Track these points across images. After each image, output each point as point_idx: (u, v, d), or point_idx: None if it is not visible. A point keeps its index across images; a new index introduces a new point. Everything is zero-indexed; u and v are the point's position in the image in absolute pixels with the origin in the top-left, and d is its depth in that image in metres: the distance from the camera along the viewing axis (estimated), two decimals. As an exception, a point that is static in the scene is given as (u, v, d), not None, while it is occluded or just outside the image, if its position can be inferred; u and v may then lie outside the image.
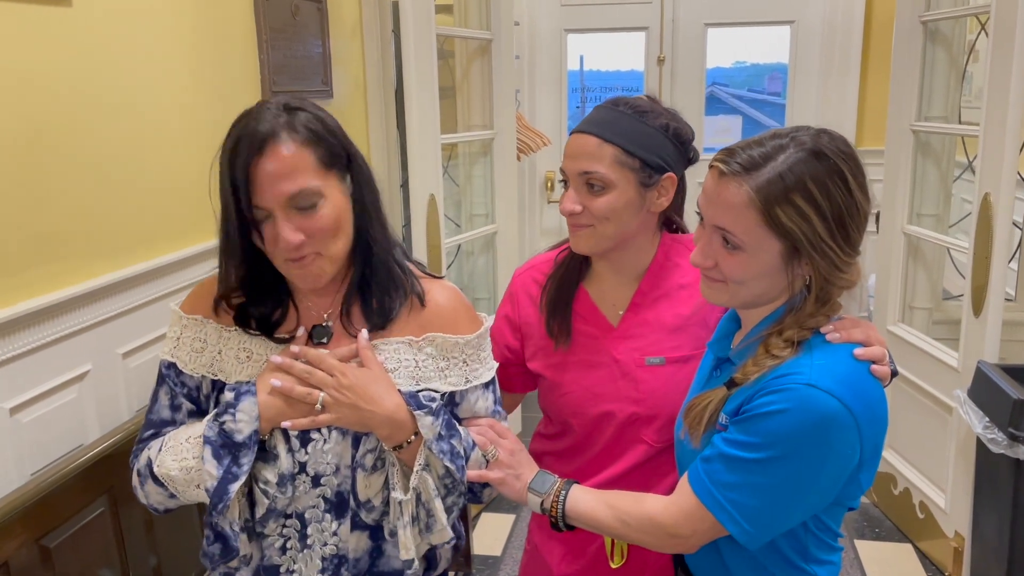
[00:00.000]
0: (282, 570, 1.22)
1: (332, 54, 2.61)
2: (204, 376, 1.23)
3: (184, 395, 1.24)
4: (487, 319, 1.31)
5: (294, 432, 1.18)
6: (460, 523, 1.35)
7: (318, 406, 1.16)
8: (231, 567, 1.23)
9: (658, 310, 1.40)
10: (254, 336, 1.22)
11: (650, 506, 1.19)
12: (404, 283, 1.24)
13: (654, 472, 1.40)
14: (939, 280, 2.97)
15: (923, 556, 2.72)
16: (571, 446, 1.46)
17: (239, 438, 1.13)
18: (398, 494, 1.17)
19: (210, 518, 1.15)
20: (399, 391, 1.19)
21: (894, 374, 1.16)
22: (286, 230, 1.11)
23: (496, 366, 1.32)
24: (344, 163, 1.18)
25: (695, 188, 1.45)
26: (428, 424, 1.17)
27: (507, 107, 3.04)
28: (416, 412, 1.17)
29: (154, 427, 1.25)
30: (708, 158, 1.18)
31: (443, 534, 1.20)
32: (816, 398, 1.06)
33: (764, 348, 1.13)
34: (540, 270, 1.49)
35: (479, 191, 3.20)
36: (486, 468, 1.26)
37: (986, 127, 2.27)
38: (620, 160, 1.31)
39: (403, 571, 1.25)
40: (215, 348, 1.23)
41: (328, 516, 1.20)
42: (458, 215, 3.26)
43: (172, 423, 1.25)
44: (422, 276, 1.29)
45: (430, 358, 1.23)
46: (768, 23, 4.19)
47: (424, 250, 2.57)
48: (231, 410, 1.15)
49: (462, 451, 1.21)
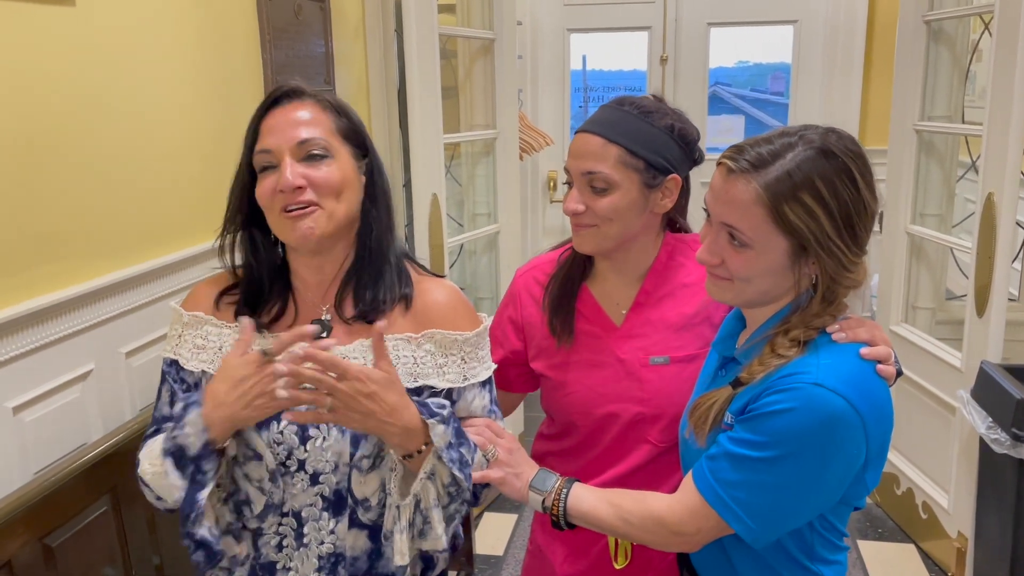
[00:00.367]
0: (278, 568, 1.21)
1: (335, 54, 2.61)
2: (205, 372, 1.24)
3: (183, 392, 1.25)
4: (486, 319, 1.31)
5: (283, 428, 1.17)
6: (460, 525, 1.35)
7: (325, 411, 1.11)
8: (224, 567, 1.23)
9: (662, 309, 1.40)
10: (254, 333, 1.22)
11: (653, 504, 1.19)
12: (396, 282, 1.24)
13: (658, 472, 1.40)
14: (942, 280, 2.97)
15: (926, 556, 2.72)
16: (574, 446, 1.46)
17: (191, 452, 1.11)
18: (395, 499, 1.16)
19: (184, 528, 1.12)
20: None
21: (899, 374, 1.16)
22: (289, 171, 1.14)
23: (494, 367, 1.32)
24: (361, 146, 1.23)
25: (699, 188, 1.45)
26: (440, 433, 1.15)
27: (510, 107, 3.04)
28: (429, 421, 1.15)
29: (156, 423, 1.26)
30: (711, 158, 1.18)
31: (437, 543, 1.18)
32: (823, 397, 1.06)
33: (770, 348, 1.13)
34: (542, 270, 1.49)
35: (481, 191, 3.20)
36: (486, 468, 1.26)
37: (989, 127, 2.27)
38: (624, 161, 1.31)
39: (401, 571, 1.25)
40: (216, 345, 1.24)
41: (326, 514, 1.19)
42: (460, 215, 3.26)
43: (172, 419, 1.25)
44: (422, 276, 1.29)
45: (429, 355, 1.23)
46: (771, 23, 4.18)
47: (427, 249, 2.57)
48: (179, 424, 1.12)
49: (470, 459, 1.20)
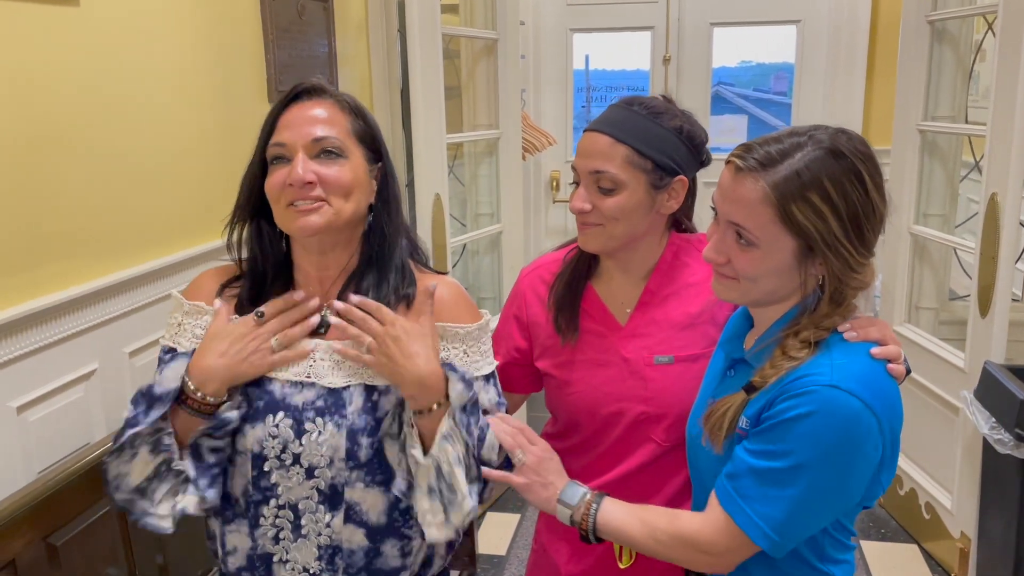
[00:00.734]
0: (275, 559, 1.22)
1: (338, 54, 2.61)
2: None
3: None
4: (487, 314, 1.32)
5: (279, 421, 1.18)
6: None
7: (365, 352, 1.17)
8: (216, 552, 1.25)
9: (667, 309, 1.40)
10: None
11: (684, 524, 1.18)
12: (400, 284, 1.25)
13: (662, 471, 1.40)
14: (945, 280, 2.97)
15: (929, 557, 2.72)
16: (579, 445, 1.46)
17: (157, 391, 1.16)
18: (417, 453, 1.16)
19: (106, 461, 1.18)
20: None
21: (907, 372, 1.16)
22: (301, 165, 1.15)
23: (496, 363, 1.32)
24: (374, 150, 1.24)
25: (704, 189, 1.45)
26: (459, 391, 1.17)
27: (513, 107, 3.04)
28: (450, 373, 1.17)
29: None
30: (717, 158, 1.18)
31: (464, 503, 1.17)
32: (839, 399, 1.05)
33: (781, 350, 1.13)
34: (548, 269, 1.49)
35: (484, 190, 3.20)
36: (511, 471, 1.26)
37: (993, 127, 2.26)
38: (632, 161, 1.31)
39: (400, 569, 1.25)
40: None
41: (322, 507, 1.20)
42: (463, 214, 3.26)
43: None
44: (424, 273, 1.30)
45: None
46: (774, 22, 4.18)
47: (430, 249, 2.56)
48: (163, 367, 1.21)
49: (476, 432, 1.21)
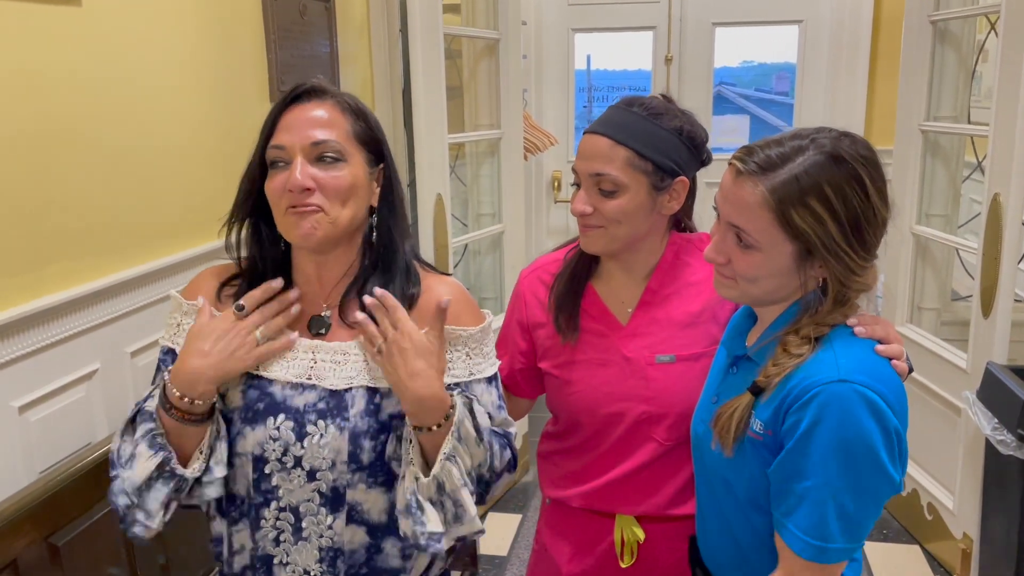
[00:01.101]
0: (275, 562, 1.22)
1: (340, 53, 2.61)
2: None
3: None
4: (490, 316, 1.31)
5: (280, 424, 1.18)
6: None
7: (378, 351, 1.16)
8: (217, 555, 1.25)
9: (668, 308, 1.40)
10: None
11: None
12: (405, 283, 1.25)
13: (664, 469, 1.40)
14: (948, 281, 2.96)
15: (931, 558, 2.71)
16: (580, 444, 1.45)
17: (150, 407, 1.17)
18: (415, 471, 1.15)
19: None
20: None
21: (910, 371, 1.17)
22: (299, 171, 1.14)
23: (499, 363, 1.32)
24: (376, 151, 1.23)
25: (705, 189, 1.45)
26: (463, 423, 1.16)
27: (514, 107, 3.04)
28: (455, 395, 1.17)
29: (138, 406, 1.27)
30: (718, 158, 1.18)
31: (473, 524, 1.17)
32: (852, 394, 1.06)
33: (782, 347, 1.14)
34: (547, 270, 1.49)
35: (486, 191, 3.20)
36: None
37: (996, 127, 2.26)
38: (633, 163, 1.31)
39: (400, 571, 1.25)
40: None
41: (323, 510, 1.19)
42: (465, 214, 3.26)
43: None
44: (428, 273, 1.30)
45: None
46: (776, 22, 4.18)
47: (431, 249, 2.57)
48: (161, 373, 1.21)
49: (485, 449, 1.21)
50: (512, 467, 1.26)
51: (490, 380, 1.28)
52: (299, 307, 1.22)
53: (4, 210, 1.38)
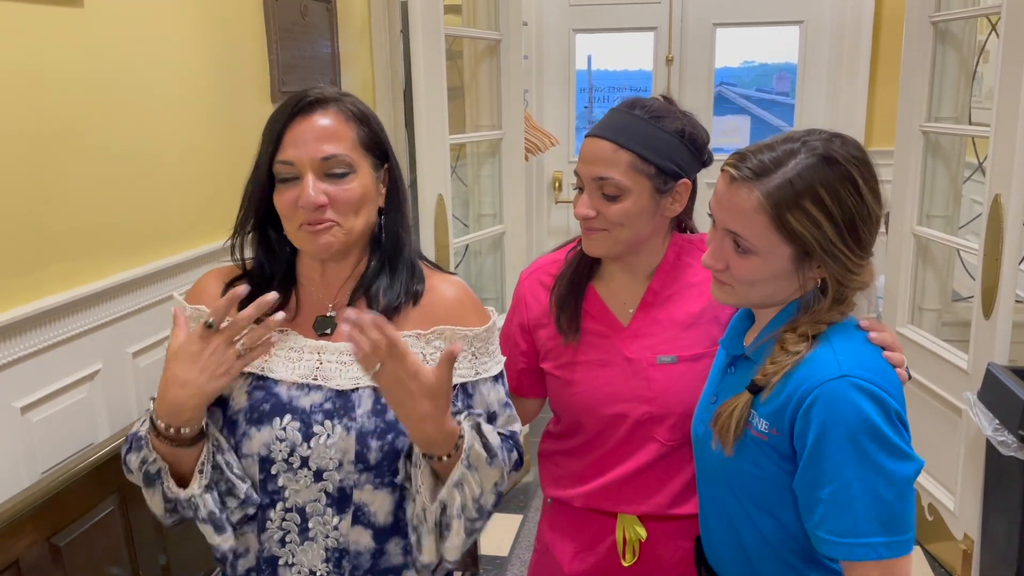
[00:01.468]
0: (281, 563, 1.22)
1: (341, 54, 2.61)
2: None
3: None
4: (494, 314, 1.32)
5: (286, 424, 1.18)
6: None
7: (372, 372, 1.08)
8: (220, 558, 1.25)
9: (669, 309, 1.40)
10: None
11: None
12: (410, 281, 1.25)
13: (666, 470, 1.40)
14: (948, 282, 2.96)
15: (932, 558, 2.71)
16: (582, 444, 1.46)
17: (138, 430, 1.18)
18: (424, 498, 1.15)
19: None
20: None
21: (908, 378, 1.17)
22: (312, 188, 1.14)
23: (504, 360, 1.32)
24: (381, 155, 1.23)
25: (705, 189, 1.45)
26: (476, 451, 1.15)
27: (515, 107, 3.04)
28: (463, 419, 1.16)
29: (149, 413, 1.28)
30: (718, 158, 1.18)
31: (450, 552, 1.17)
32: (855, 391, 1.06)
33: (780, 346, 1.14)
34: (546, 271, 1.49)
35: (487, 191, 3.20)
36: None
37: (997, 128, 2.26)
38: (635, 167, 1.31)
39: (404, 566, 1.25)
40: None
41: (330, 510, 1.19)
42: (466, 215, 3.27)
43: None
44: (432, 271, 1.30)
45: (438, 351, 1.23)
46: (777, 23, 4.17)
47: (432, 250, 2.58)
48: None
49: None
50: (518, 465, 1.27)
51: (496, 378, 1.28)
52: (283, 314, 1.14)
53: (5, 210, 1.38)
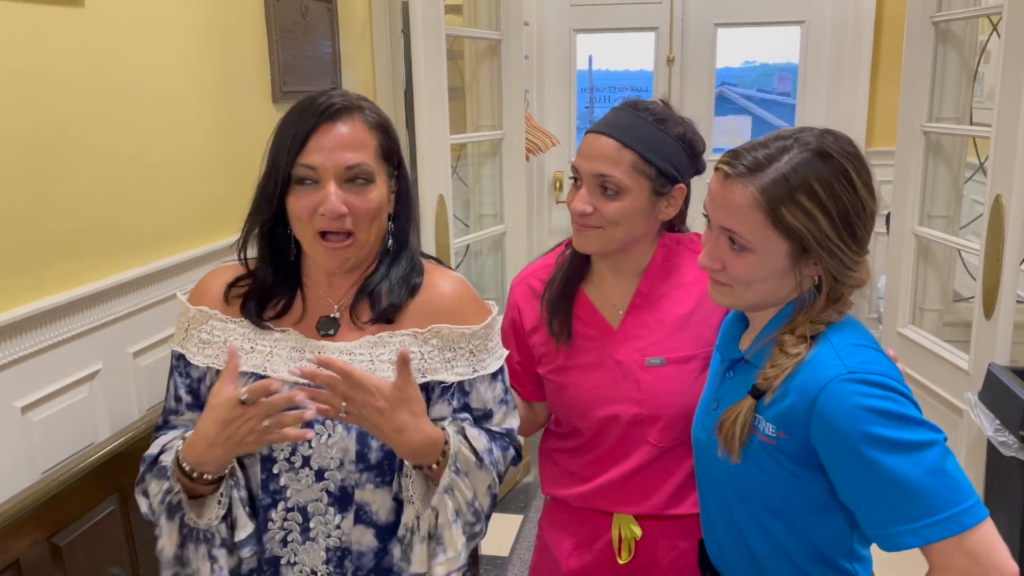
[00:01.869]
0: (283, 562, 1.22)
1: (342, 54, 2.61)
2: (209, 367, 1.24)
3: (186, 386, 1.26)
4: (495, 308, 1.31)
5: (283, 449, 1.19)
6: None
7: (342, 414, 1.12)
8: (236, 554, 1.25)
9: (658, 310, 1.41)
10: (259, 328, 1.23)
11: None
12: (410, 276, 1.26)
13: (661, 471, 1.41)
14: (950, 282, 2.96)
15: (932, 559, 2.71)
16: (581, 445, 1.47)
17: (162, 460, 1.19)
18: (417, 507, 1.16)
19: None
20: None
21: None
22: (335, 196, 1.14)
23: (505, 354, 1.32)
24: (395, 163, 1.24)
25: (700, 192, 1.45)
26: (463, 455, 1.17)
27: (516, 107, 3.04)
28: (446, 425, 1.17)
29: (165, 415, 1.29)
30: (715, 161, 1.18)
31: (452, 563, 1.17)
32: (856, 385, 1.06)
33: (779, 348, 1.14)
34: (537, 276, 1.50)
35: (488, 191, 3.20)
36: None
37: (998, 128, 2.26)
38: (637, 167, 1.31)
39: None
40: (221, 339, 1.24)
41: (331, 509, 1.20)
42: (467, 215, 3.27)
43: (176, 413, 1.28)
44: (434, 267, 1.30)
45: (436, 349, 1.23)
46: (778, 23, 4.17)
47: (433, 250, 2.58)
48: (173, 379, 1.24)
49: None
50: (516, 461, 1.27)
51: (495, 375, 1.28)
52: (314, 412, 1.11)
53: (5, 210, 1.38)
